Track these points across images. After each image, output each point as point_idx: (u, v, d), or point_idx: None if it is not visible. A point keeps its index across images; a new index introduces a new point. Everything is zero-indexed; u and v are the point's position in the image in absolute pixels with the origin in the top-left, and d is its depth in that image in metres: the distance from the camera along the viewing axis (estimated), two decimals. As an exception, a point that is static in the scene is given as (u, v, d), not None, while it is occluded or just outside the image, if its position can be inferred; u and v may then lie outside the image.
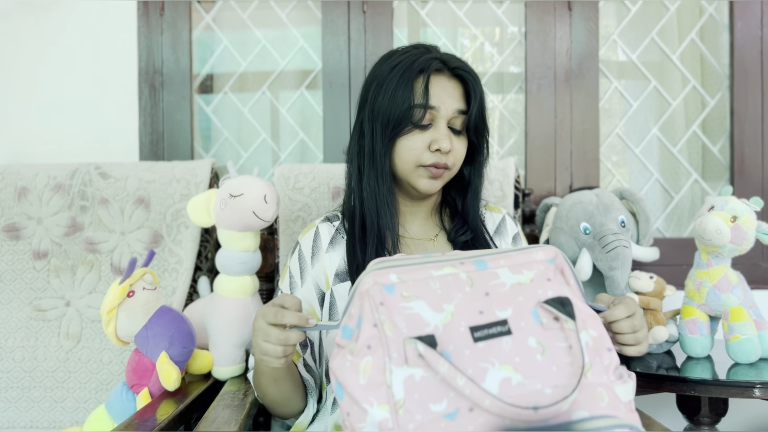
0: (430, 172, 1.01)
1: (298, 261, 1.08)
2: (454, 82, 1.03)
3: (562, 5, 1.73)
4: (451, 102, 1.01)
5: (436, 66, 1.01)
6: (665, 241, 1.73)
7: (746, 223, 1.18)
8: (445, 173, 1.03)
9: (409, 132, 1.00)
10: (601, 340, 0.69)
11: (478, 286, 0.70)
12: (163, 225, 1.43)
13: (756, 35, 1.74)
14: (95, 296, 1.39)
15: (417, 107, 0.98)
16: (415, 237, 1.10)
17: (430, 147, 1.00)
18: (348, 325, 0.70)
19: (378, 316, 0.66)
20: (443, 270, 0.71)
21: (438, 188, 1.05)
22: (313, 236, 1.09)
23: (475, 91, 1.02)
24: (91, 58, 1.72)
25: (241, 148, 1.80)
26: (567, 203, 1.45)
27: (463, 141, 1.04)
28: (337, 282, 1.03)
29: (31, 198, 1.44)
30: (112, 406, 1.10)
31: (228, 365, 1.19)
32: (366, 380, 0.64)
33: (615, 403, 0.65)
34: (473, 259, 0.73)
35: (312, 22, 1.80)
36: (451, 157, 1.02)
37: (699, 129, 1.81)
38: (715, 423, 1.27)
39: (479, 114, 1.03)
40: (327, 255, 1.06)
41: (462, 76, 1.03)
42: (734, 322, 1.18)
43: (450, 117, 1.01)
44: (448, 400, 0.62)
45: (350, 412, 0.65)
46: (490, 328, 0.65)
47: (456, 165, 1.04)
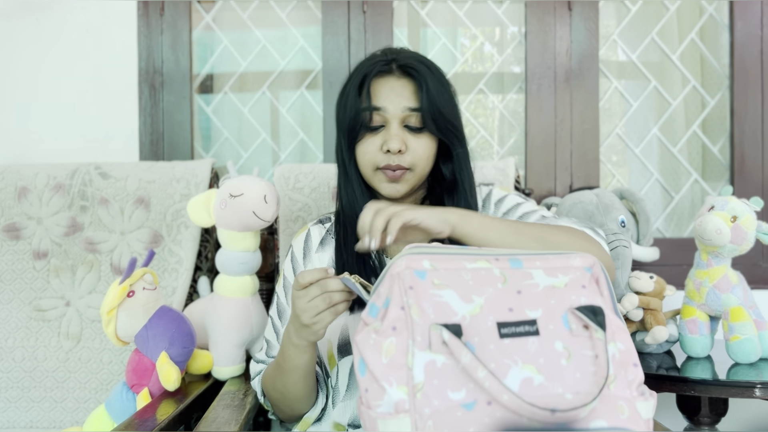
0: (386, 176, 1.00)
1: (291, 263, 1.09)
2: (403, 81, 1.00)
3: (562, 5, 1.73)
4: (399, 100, 0.98)
5: (380, 68, 1.00)
6: (665, 241, 1.73)
7: (746, 223, 1.18)
8: (405, 175, 1.00)
9: (363, 136, 1.00)
10: (628, 354, 0.69)
11: (510, 283, 0.69)
12: (163, 225, 1.43)
13: (756, 35, 1.74)
14: (95, 296, 1.39)
15: (364, 110, 0.98)
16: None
17: (382, 148, 0.98)
18: (375, 304, 0.70)
19: (406, 300, 0.67)
20: (477, 263, 0.71)
21: (403, 192, 1.02)
22: (305, 238, 1.10)
23: (427, 85, 0.98)
24: (91, 59, 1.72)
25: (241, 148, 1.80)
26: (567, 203, 1.45)
27: (423, 139, 1.00)
28: None
29: (31, 198, 1.44)
30: (112, 406, 1.10)
31: (228, 365, 1.19)
32: (388, 360, 0.64)
33: (635, 418, 0.65)
34: (509, 257, 0.73)
35: (312, 22, 1.80)
36: (408, 157, 0.99)
37: (699, 129, 1.81)
38: (715, 423, 1.27)
39: (434, 108, 0.98)
40: (317, 255, 1.07)
41: (410, 73, 0.99)
42: (734, 322, 1.18)
43: (402, 116, 0.99)
44: (468, 391, 0.62)
45: (369, 388, 0.65)
46: (518, 326, 0.65)
47: (417, 165, 1.00)
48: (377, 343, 0.66)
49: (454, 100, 1.03)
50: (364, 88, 0.99)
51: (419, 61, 1.01)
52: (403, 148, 0.98)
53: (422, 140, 1.00)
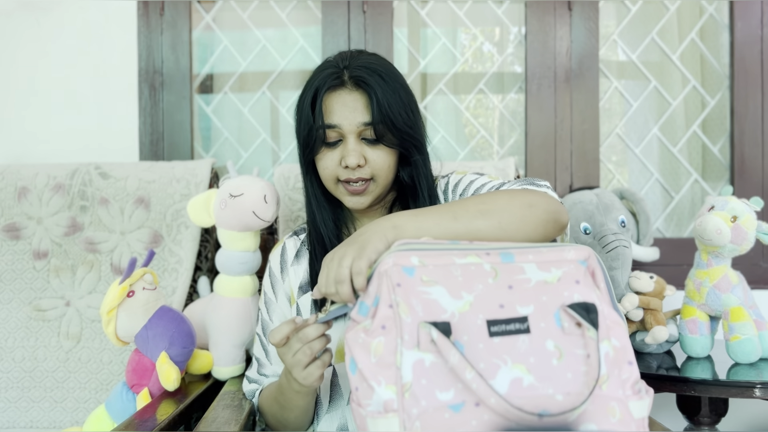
0: (347, 190, 1.00)
1: (269, 278, 1.10)
2: (355, 94, 0.97)
3: (562, 5, 1.73)
4: (353, 116, 0.96)
5: (331, 83, 0.97)
6: (665, 241, 1.73)
7: (746, 223, 1.18)
8: (369, 187, 1.00)
9: (321, 151, 1.00)
10: (623, 352, 0.67)
11: (501, 278, 0.68)
12: (163, 225, 1.43)
13: (756, 35, 1.74)
14: (95, 296, 1.39)
15: (319, 128, 0.97)
16: None
17: (341, 163, 0.98)
18: (365, 302, 0.69)
19: (394, 297, 0.66)
20: (467, 258, 0.70)
21: (366, 204, 1.01)
22: (280, 252, 1.10)
23: (377, 97, 0.95)
24: (91, 58, 1.72)
25: (241, 148, 1.80)
26: (567, 203, 1.45)
27: (381, 150, 0.98)
28: (300, 294, 1.05)
29: (31, 198, 1.44)
30: (112, 406, 1.10)
31: (228, 365, 1.19)
32: (376, 359, 0.64)
33: (626, 419, 0.64)
34: (500, 250, 0.71)
35: (312, 22, 1.80)
36: (368, 169, 0.98)
37: (699, 129, 1.81)
38: (715, 423, 1.27)
39: (386, 120, 0.96)
40: (292, 268, 1.08)
41: (361, 86, 0.97)
42: (734, 322, 1.18)
43: (357, 131, 0.97)
44: (456, 391, 0.62)
45: (359, 387, 0.66)
46: (508, 324, 0.64)
47: (379, 176, 0.99)
48: (366, 342, 0.66)
49: (410, 107, 1.00)
50: (317, 105, 0.97)
51: (371, 71, 0.97)
52: (361, 162, 0.97)
53: (380, 151, 0.98)
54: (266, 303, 1.09)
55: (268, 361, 1.07)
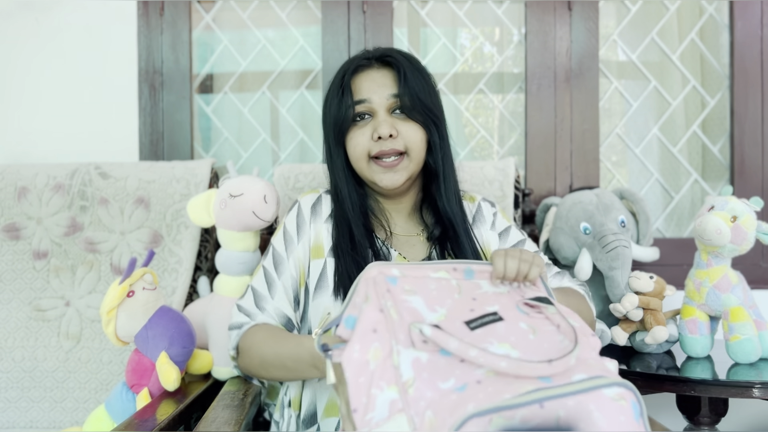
0: (380, 166, 1.02)
1: (296, 218, 1.09)
2: (383, 71, 1.04)
3: (562, 5, 1.73)
4: (382, 90, 1.02)
5: (359, 63, 1.05)
6: (665, 241, 1.73)
7: (746, 223, 1.18)
8: (402, 162, 1.02)
9: (351, 130, 1.04)
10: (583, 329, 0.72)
11: (465, 293, 0.74)
12: (163, 225, 1.43)
13: (756, 35, 1.74)
14: (95, 296, 1.39)
15: (350, 105, 1.02)
16: (401, 234, 1.10)
17: (373, 137, 1.01)
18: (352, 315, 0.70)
19: (384, 302, 0.68)
20: (438, 273, 0.75)
21: (401, 181, 1.03)
22: (315, 200, 1.10)
23: (405, 72, 1.02)
24: (91, 58, 1.72)
25: (241, 148, 1.80)
26: (567, 203, 1.45)
27: (411, 124, 1.03)
28: (331, 255, 1.04)
29: (31, 198, 1.44)
30: (112, 406, 1.10)
31: (228, 365, 1.19)
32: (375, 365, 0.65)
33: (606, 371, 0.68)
34: (464, 267, 0.79)
35: (312, 22, 1.80)
36: (401, 141, 1.01)
37: (699, 129, 1.81)
38: (715, 423, 1.27)
39: (413, 93, 1.02)
40: (325, 225, 1.07)
41: (390, 63, 1.04)
42: (734, 322, 1.18)
43: (387, 105, 1.02)
44: (455, 378, 0.63)
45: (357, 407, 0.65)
46: (483, 318, 0.69)
47: (412, 149, 1.02)
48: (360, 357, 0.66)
49: (432, 90, 1.06)
50: (345, 85, 1.03)
51: (396, 52, 1.05)
52: (394, 133, 1.00)
53: (410, 125, 1.03)
54: (285, 240, 1.08)
55: (270, 295, 1.05)
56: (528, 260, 0.80)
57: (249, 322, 1.03)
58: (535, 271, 0.80)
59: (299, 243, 1.07)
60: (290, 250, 1.07)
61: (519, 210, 1.51)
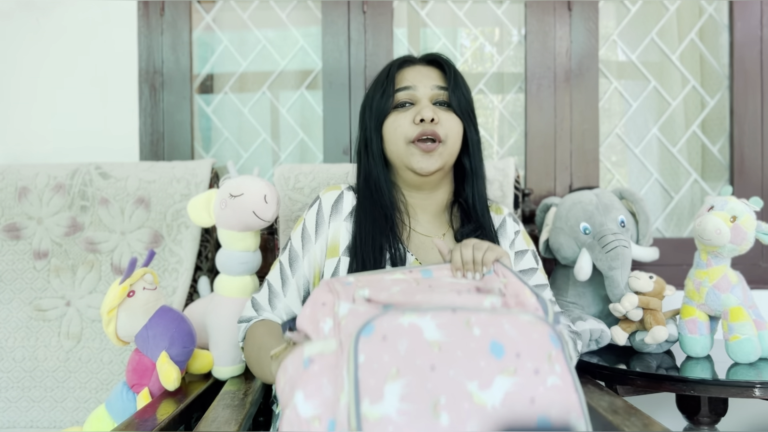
0: (420, 148, 1.04)
1: (315, 215, 1.10)
2: (429, 68, 1.10)
3: (562, 5, 1.73)
4: (428, 80, 1.07)
5: (407, 58, 1.12)
6: (665, 241, 1.73)
7: (746, 223, 1.19)
8: (438, 147, 1.04)
9: (391, 115, 1.07)
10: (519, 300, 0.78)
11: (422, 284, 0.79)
12: (163, 225, 1.43)
13: (756, 35, 1.74)
14: (95, 296, 1.39)
15: (396, 91, 1.07)
16: (424, 233, 1.10)
17: (415, 120, 1.04)
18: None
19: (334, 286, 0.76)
20: (394, 275, 0.81)
21: (435, 166, 1.05)
22: (336, 198, 1.11)
23: (452, 69, 1.08)
24: (91, 58, 1.72)
25: (241, 148, 1.80)
26: (567, 203, 1.46)
27: (452, 115, 1.07)
28: (346, 254, 1.05)
29: (32, 198, 1.45)
30: (113, 405, 1.10)
31: (228, 365, 1.19)
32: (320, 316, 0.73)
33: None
34: (421, 269, 0.84)
35: (312, 22, 1.80)
36: (441, 128, 1.04)
37: (699, 129, 1.81)
38: (714, 423, 1.27)
39: (459, 89, 1.07)
40: (345, 223, 1.08)
41: (436, 61, 1.11)
42: (734, 321, 1.18)
43: (431, 95, 1.06)
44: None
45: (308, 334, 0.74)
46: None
47: (449, 137, 1.05)
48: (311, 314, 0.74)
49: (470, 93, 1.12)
50: (390, 77, 1.08)
51: (442, 55, 1.12)
52: (435, 118, 1.04)
53: (451, 116, 1.07)
54: (302, 237, 1.08)
55: (283, 293, 1.07)
56: (481, 247, 0.84)
57: (256, 317, 1.07)
58: (490, 255, 0.83)
59: (317, 242, 1.08)
60: (306, 249, 1.08)
61: (519, 210, 1.51)
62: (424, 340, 0.64)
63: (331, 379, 0.65)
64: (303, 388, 0.65)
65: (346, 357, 0.64)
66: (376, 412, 0.59)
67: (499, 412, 0.61)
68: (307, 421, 0.63)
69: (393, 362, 0.62)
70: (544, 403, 0.63)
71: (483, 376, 0.63)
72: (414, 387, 0.61)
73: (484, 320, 0.67)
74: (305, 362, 0.67)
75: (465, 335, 0.65)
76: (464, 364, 0.63)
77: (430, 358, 0.63)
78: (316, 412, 0.64)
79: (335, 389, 0.64)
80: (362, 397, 0.60)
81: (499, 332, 0.66)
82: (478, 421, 0.60)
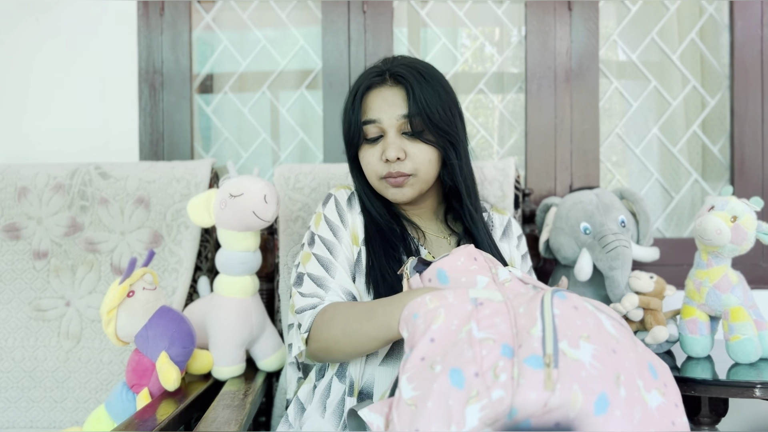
0: (389, 184, 1.05)
1: (335, 208, 1.10)
2: (395, 90, 1.03)
3: (562, 5, 1.73)
4: (392, 110, 1.02)
5: (371, 81, 1.05)
6: (665, 241, 1.73)
7: (746, 223, 1.18)
8: (409, 180, 1.04)
9: (363, 148, 1.06)
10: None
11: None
12: (163, 225, 1.43)
13: (756, 35, 1.74)
14: (95, 296, 1.39)
15: (364, 124, 1.04)
16: (432, 234, 1.13)
17: (382, 158, 1.02)
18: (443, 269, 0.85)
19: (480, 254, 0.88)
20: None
21: (410, 197, 1.05)
22: (349, 195, 1.12)
23: (413, 91, 1.00)
24: (91, 58, 1.72)
25: (241, 148, 1.80)
26: (567, 203, 1.45)
27: (421, 145, 1.03)
28: (364, 243, 1.06)
29: (31, 198, 1.44)
30: (112, 406, 1.10)
31: (228, 365, 1.19)
32: (474, 269, 0.84)
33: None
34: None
35: (312, 22, 1.80)
36: (408, 163, 1.02)
37: (699, 129, 1.81)
38: (715, 423, 1.27)
39: (422, 114, 1.00)
40: (360, 217, 1.09)
41: (401, 81, 1.02)
42: (734, 322, 1.18)
43: (397, 125, 1.02)
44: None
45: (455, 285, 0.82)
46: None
47: (419, 170, 1.03)
48: (465, 265, 0.84)
49: (449, 106, 1.04)
50: (357, 102, 1.04)
51: (412, 68, 1.03)
52: (401, 156, 1.01)
53: (420, 146, 1.03)
54: (330, 227, 1.07)
55: (330, 276, 1.02)
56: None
57: (321, 302, 0.99)
58: None
59: (346, 229, 1.08)
60: (340, 236, 1.07)
61: (519, 210, 1.51)
62: (604, 329, 0.70)
63: (504, 319, 0.71)
64: (477, 322, 0.71)
65: (538, 305, 0.70)
66: (573, 354, 0.64)
67: (654, 416, 0.67)
68: (479, 341, 0.68)
69: (584, 328, 0.68)
70: (680, 429, 0.70)
71: (646, 382, 0.69)
72: (603, 354, 0.66)
73: (641, 344, 0.75)
74: (473, 300, 0.75)
75: (633, 345, 0.72)
76: (635, 364, 0.69)
77: (611, 343, 0.69)
78: (490, 335, 0.69)
79: (512, 327, 0.69)
80: (560, 337, 0.65)
81: (652, 358, 0.74)
82: (641, 411, 0.65)
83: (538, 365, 0.62)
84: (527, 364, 0.63)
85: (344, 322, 0.93)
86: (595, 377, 0.62)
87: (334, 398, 0.99)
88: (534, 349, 0.64)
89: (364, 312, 0.90)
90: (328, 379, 1.02)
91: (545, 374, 0.61)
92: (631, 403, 0.64)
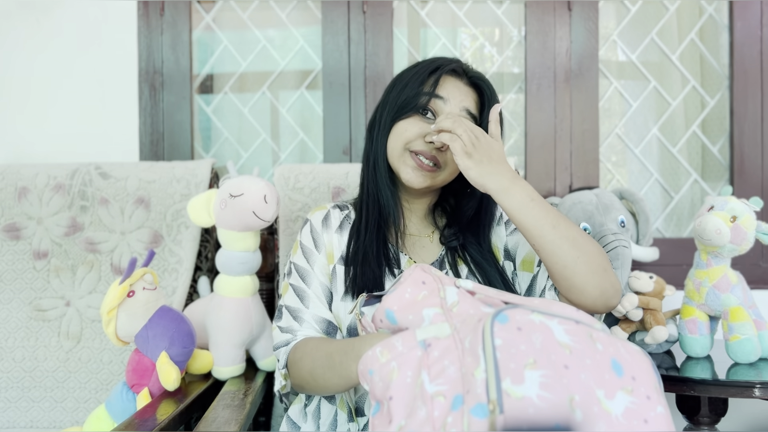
0: (414, 162, 1.01)
1: (310, 233, 1.09)
2: (469, 88, 1.04)
3: (562, 5, 1.73)
4: (460, 99, 1.02)
5: (453, 66, 1.04)
6: (665, 241, 1.73)
7: (746, 223, 1.18)
8: (434, 172, 1.01)
9: (410, 116, 1.02)
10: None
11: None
12: (163, 225, 1.43)
13: (756, 35, 1.74)
14: (95, 296, 1.39)
15: (424, 94, 1.01)
16: (414, 233, 1.11)
17: (426, 137, 1.00)
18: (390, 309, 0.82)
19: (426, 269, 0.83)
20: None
21: (422, 184, 1.02)
22: (324, 215, 1.11)
23: (490, 99, 1.02)
24: (91, 58, 1.72)
25: (241, 148, 1.80)
26: (567, 203, 1.46)
27: None
28: (340, 263, 1.05)
29: (31, 198, 1.45)
30: (112, 406, 1.10)
31: (228, 365, 1.19)
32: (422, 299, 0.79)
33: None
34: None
35: (312, 22, 1.80)
36: (447, 155, 1.01)
37: (699, 129, 1.81)
38: (714, 423, 1.27)
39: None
40: (336, 235, 1.08)
41: (479, 86, 1.04)
42: (734, 322, 1.18)
43: (458, 114, 1.00)
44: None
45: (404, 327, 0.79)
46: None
47: (448, 167, 1.02)
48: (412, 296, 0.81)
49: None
50: (434, 76, 1.01)
51: (484, 80, 1.05)
52: (445, 148, 0.99)
53: None
54: (304, 254, 1.07)
55: (305, 306, 1.03)
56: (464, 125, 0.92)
57: (294, 338, 1.02)
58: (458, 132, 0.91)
59: (319, 253, 1.08)
60: (313, 261, 1.07)
61: (519, 210, 1.51)
62: (555, 340, 0.67)
63: (453, 360, 0.69)
64: (427, 370, 0.70)
65: (479, 338, 0.68)
66: (518, 392, 0.61)
67: (621, 423, 0.64)
68: (431, 397, 0.67)
69: (530, 353, 0.65)
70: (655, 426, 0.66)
71: (608, 387, 0.66)
72: (551, 379, 0.63)
73: (604, 338, 0.71)
74: (421, 344, 0.73)
75: (590, 346, 0.69)
76: (593, 372, 0.66)
77: (562, 357, 0.66)
78: (441, 389, 0.68)
79: (460, 368, 0.68)
80: (503, 375, 0.63)
81: (617, 352, 0.70)
82: (605, 425, 0.63)
83: (483, 414, 0.61)
84: (473, 415, 0.62)
85: (310, 366, 0.95)
86: (544, 410, 0.60)
87: (325, 419, 1.02)
88: (478, 396, 0.63)
89: (326, 358, 0.92)
90: (316, 402, 1.04)
91: (489, 422, 0.60)
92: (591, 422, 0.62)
